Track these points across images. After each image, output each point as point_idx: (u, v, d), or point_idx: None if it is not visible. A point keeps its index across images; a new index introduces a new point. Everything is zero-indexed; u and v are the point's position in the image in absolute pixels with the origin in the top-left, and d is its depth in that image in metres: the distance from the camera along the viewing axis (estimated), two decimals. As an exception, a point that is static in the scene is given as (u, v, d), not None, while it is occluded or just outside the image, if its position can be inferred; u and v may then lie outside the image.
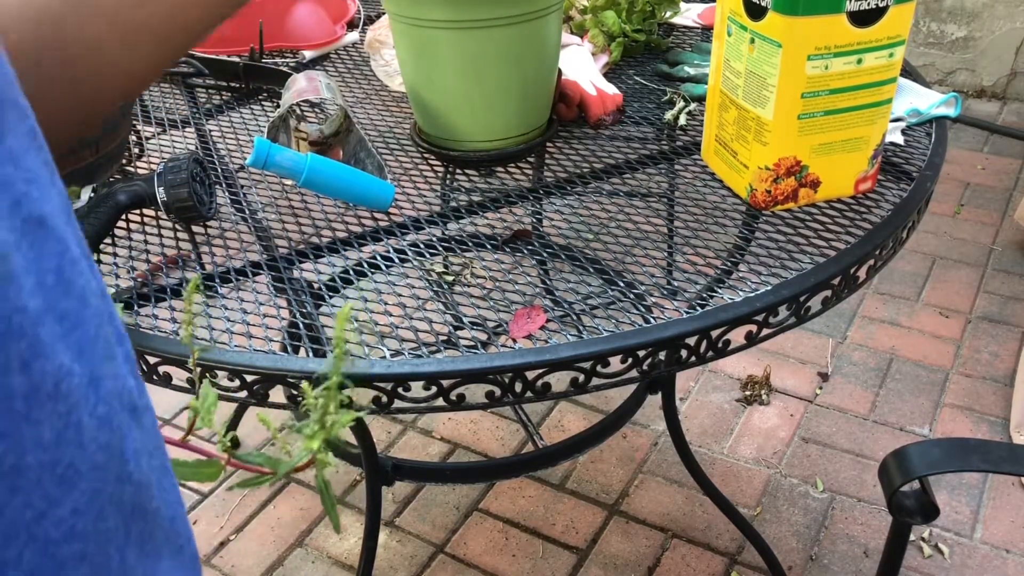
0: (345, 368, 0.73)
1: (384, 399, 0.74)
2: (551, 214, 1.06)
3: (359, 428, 1.37)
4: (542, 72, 1.02)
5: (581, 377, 0.75)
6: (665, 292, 0.87)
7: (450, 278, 1.51)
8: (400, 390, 0.74)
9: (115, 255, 0.92)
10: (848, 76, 0.85)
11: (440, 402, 0.74)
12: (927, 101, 1.11)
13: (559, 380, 0.74)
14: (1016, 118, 2.96)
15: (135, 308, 0.83)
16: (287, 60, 1.33)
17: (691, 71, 1.22)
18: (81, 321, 0.24)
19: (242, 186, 1.03)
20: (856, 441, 1.77)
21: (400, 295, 0.85)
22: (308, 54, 1.35)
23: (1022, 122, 2.94)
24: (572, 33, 1.30)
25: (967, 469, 0.89)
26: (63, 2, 0.39)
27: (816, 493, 1.66)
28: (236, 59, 1.28)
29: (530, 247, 0.95)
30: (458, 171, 1.07)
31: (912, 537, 1.43)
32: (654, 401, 1.56)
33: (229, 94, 1.27)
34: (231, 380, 0.76)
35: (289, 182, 1.00)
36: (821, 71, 0.83)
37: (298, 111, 1.09)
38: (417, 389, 0.74)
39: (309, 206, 0.99)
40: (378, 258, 0.91)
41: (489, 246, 0.92)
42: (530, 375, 0.73)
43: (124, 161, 1.08)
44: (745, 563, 1.53)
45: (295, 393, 0.76)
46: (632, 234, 0.92)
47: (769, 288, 0.79)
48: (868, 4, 0.81)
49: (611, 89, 1.14)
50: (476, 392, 0.74)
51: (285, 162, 0.90)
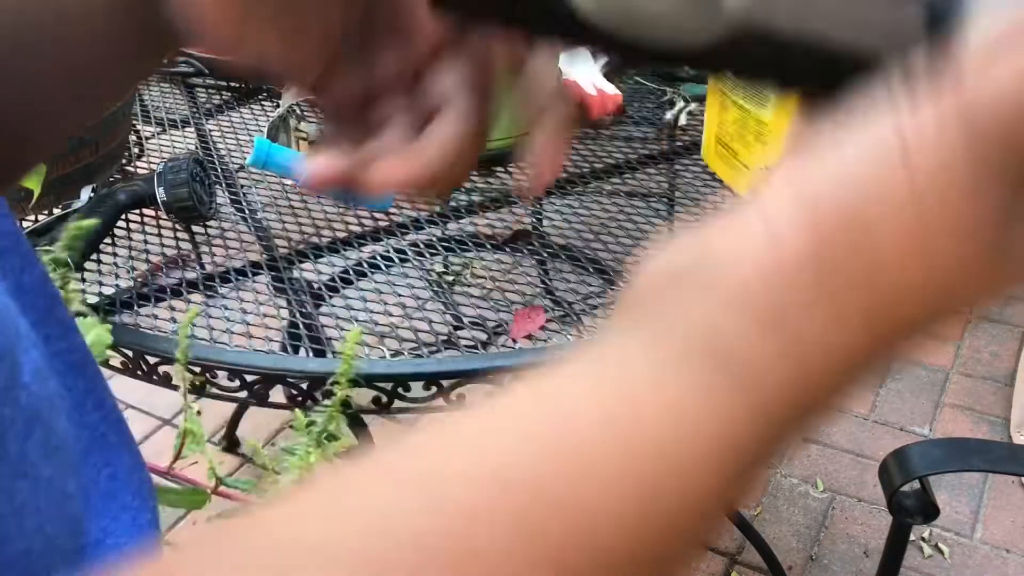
0: (345, 368, 0.74)
1: (384, 399, 0.74)
2: (551, 214, 1.06)
3: (359, 428, 1.37)
4: (542, 72, 1.02)
5: (581, 377, 0.75)
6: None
7: (450, 278, 1.51)
8: (400, 390, 0.74)
9: (115, 255, 0.92)
10: (848, 76, 0.84)
11: (440, 402, 0.74)
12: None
13: (559, 380, 0.74)
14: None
15: (135, 308, 0.83)
16: (287, 60, 1.33)
17: (691, 71, 1.22)
18: None
19: (242, 186, 1.03)
20: (856, 441, 1.77)
21: (400, 295, 0.85)
22: (308, 54, 1.34)
23: (1022, 122, 2.94)
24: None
25: (967, 469, 0.89)
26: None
27: (816, 493, 1.66)
28: (236, 59, 1.28)
29: (530, 247, 0.95)
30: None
31: (912, 537, 1.43)
32: (654, 401, 1.56)
33: (229, 94, 1.27)
34: (231, 380, 0.76)
35: (289, 182, 1.00)
36: (821, 71, 0.83)
37: (298, 111, 1.09)
38: (417, 389, 0.73)
39: (309, 206, 0.99)
40: (378, 258, 0.91)
41: (489, 246, 0.92)
42: (530, 375, 0.73)
43: (124, 161, 1.08)
44: (745, 563, 1.53)
45: (295, 393, 0.76)
46: (632, 234, 0.92)
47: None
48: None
49: (611, 89, 1.14)
50: (476, 392, 0.74)
51: (285, 162, 0.90)
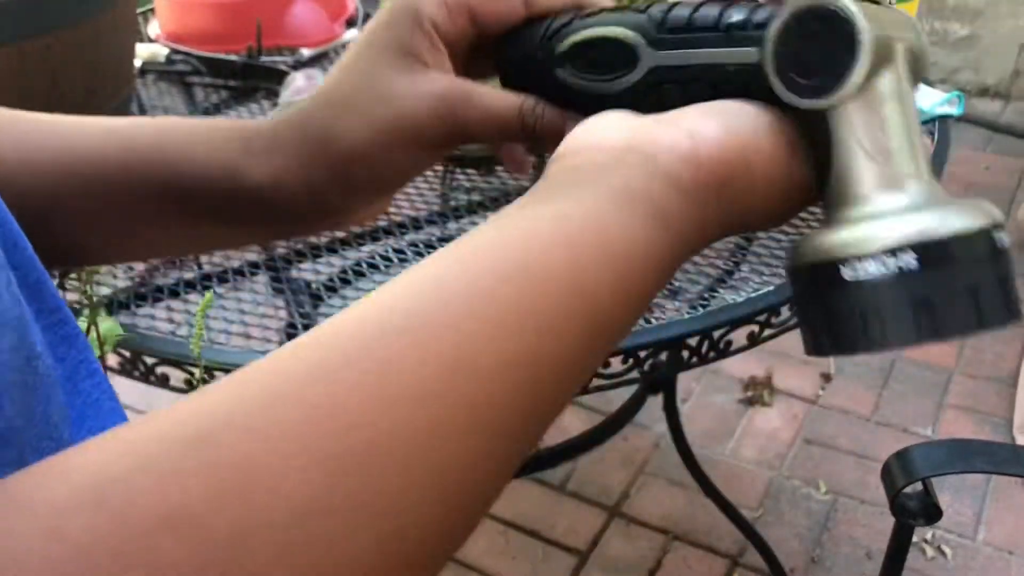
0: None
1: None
2: (551, 214, 1.05)
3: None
4: (542, 70, 1.01)
5: (581, 378, 0.74)
6: (666, 292, 0.86)
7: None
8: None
9: (112, 255, 0.91)
10: (851, 74, 0.84)
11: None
12: (930, 100, 1.10)
13: (559, 381, 0.74)
14: (1020, 117, 2.95)
15: (133, 308, 0.83)
16: (285, 58, 1.32)
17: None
18: None
19: (240, 185, 1.03)
20: (859, 442, 1.76)
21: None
22: (306, 52, 1.34)
23: (1025, 122, 2.93)
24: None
25: (970, 470, 0.88)
26: None
27: (818, 495, 1.65)
28: (234, 57, 1.27)
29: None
30: (458, 170, 1.07)
31: (915, 539, 1.43)
32: (655, 402, 1.55)
33: (227, 92, 1.26)
34: (228, 381, 0.76)
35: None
36: (824, 69, 0.83)
37: (297, 110, 1.09)
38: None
39: (307, 205, 0.98)
40: (377, 258, 0.90)
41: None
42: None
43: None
44: (747, 565, 1.53)
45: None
46: (633, 234, 0.91)
47: (771, 288, 0.78)
48: (870, 3, 0.80)
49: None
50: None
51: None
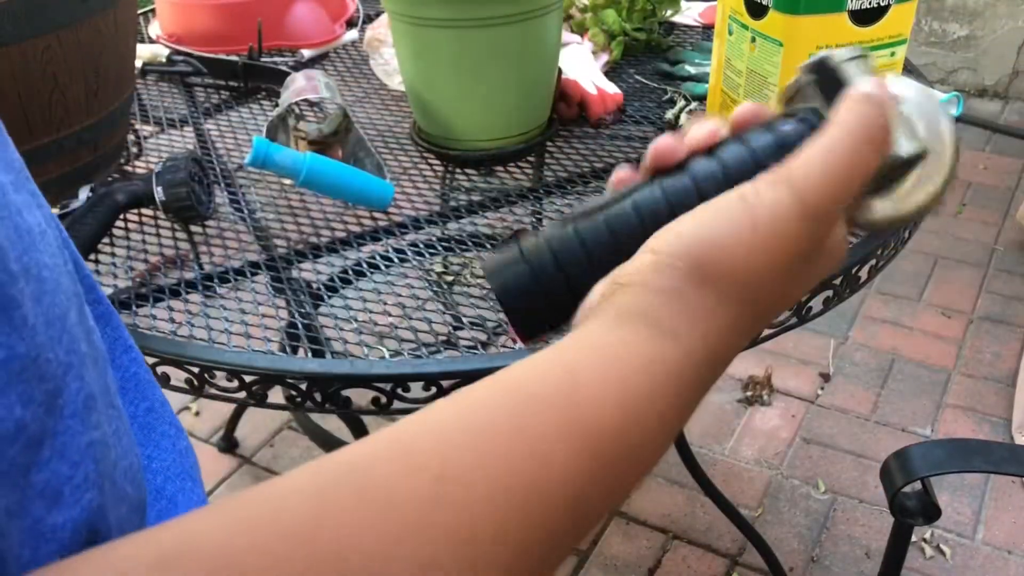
0: (345, 369, 0.73)
1: (383, 399, 0.74)
2: (551, 214, 1.05)
3: (358, 429, 1.37)
4: (542, 71, 1.01)
5: (581, 378, 0.74)
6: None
7: (450, 278, 1.51)
8: (400, 391, 0.73)
9: (113, 255, 0.91)
10: (850, 75, 0.84)
11: (439, 403, 0.74)
12: (929, 100, 1.10)
13: (559, 381, 0.74)
14: (1018, 117, 2.95)
15: (133, 308, 0.83)
16: (286, 59, 1.33)
17: (692, 70, 1.21)
18: None
19: (241, 186, 1.03)
20: (858, 442, 1.77)
21: (399, 295, 0.85)
22: (307, 53, 1.34)
23: (1024, 121, 2.94)
24: (572, 32, 1.30)
25: (969, 470, 0.88)
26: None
27: (817, 494, 1.66)
28: (235, 58, 1.27)
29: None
30: (458, 170, 1.07)
31: (914, 538, 1.43)
32: (655, 401, 1.55)
33: (228, 93, 1.27)
34: (229, 380, 0.76)
35: (288, 181, 0.99)
36: (823, 70, 0.83)
37: (297, 110, 1.09)
38: (417, 390, 0.73)
39: (308, 205, 0.98)
40: (377, 258, 0.90)
41: (489, 246, 0.91)
42: (530, 376, 0.73)
43: (122, 160, 1.08)
44: (746, 564, 1.53)
45: (294, 394, 0.75)
46: (633, 234, 0.91)
47: (770, 288, 0.79)
48: (870, 3, 0.81)
49: (612, 88, 1.14)
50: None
51: (284, 161, 0.90)
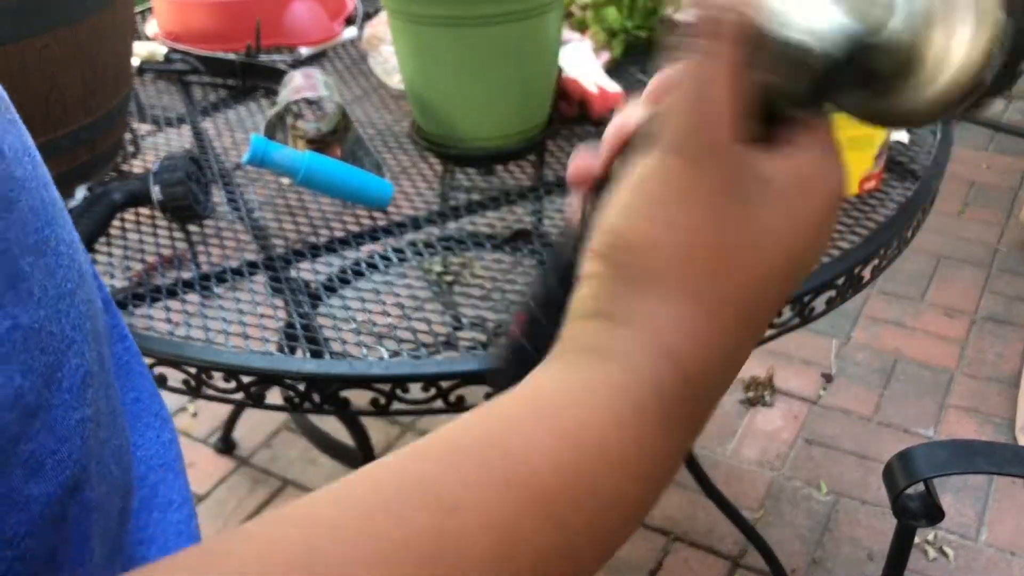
0: (343, 369, 0.73)
1: (382, 400, 0.73)
2: (551, 213, 1.05)
3: (357, 430, 1.37)
4: (542, 69, 1.01)
5: (582, 378, 0.73)
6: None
7: (449, 278, 1.50)
8: (399, 391, 0.73)
9: (110, 255, 0.91)
10: (853, 72, 0.83)
11: (439, 404, 0.73)
12: (933, 99, 1.09)
13: (559, 381, 0.73)
14: (1021, 116, 2.95)
15: (130, 308, 0.82)
16: (284, 57, 1.32)
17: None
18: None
19: (238, 185, 1.02)
20: (860, 443, 1.76)
21: (398, 295, 0.84)
22: (305, 51, 1.34)
23: (1026, 121, 2.93)
24: (573, 30, 1.29)
25: (972, 471, 0.87)
26: None
27: (820, 495, 1.65)
28: (232, 56, 1.27)
29: (530, 247, 0.94)
30: (457, 169, 1.06)
31: (917, 540, 1.42)
32: (656, 402, 1.54)
33: (225, 91, 1.26)
34: (227, 381, 0.76)
35: (286, 180, 0.99)
36: (826, 67, 0.82)
37: (295, 109, 1.08)
38: (416, 390, 0.73)
39: (306, 205, 0.98)
40: (376, 258, 0.90)
41: (489, 246, 0.90)
42: (530, 376, 0.72)
43: (119, 159, 1.07)
44: (748, 566, 1.52)
45: (292, 395, 0.75)
46: (634, 233, 0.91)
47: (773, 288, 0.78)
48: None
49: (612, 86, 1.13)
50: (476, 394, 0.73)
51: (282, 160, 0.89)
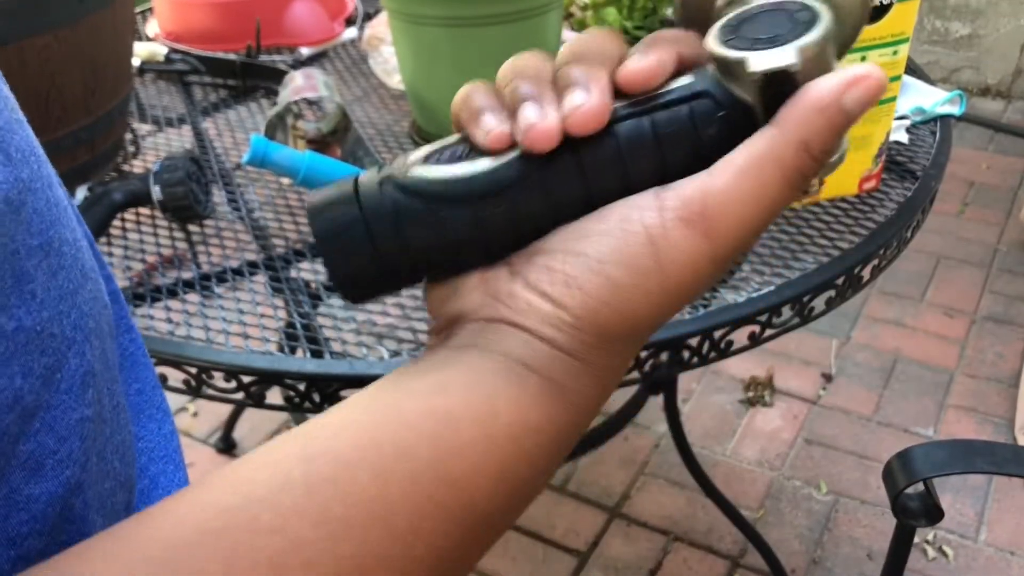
0: (344, 369, 0.73)
1: (381, 401, 0.73)
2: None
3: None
4: (542, 70, 1.01)
5: (581, 379, 0.74)
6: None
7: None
8: (397, 392, 0.73)
9: (110, 255, 0.91)
10: (852, 73, 0.83)
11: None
12: (931, 99, 1.10)
13: (558, 382, 0.73)
14: (1021, 116, 2.95)
15: (131, 308, 0.82)
16: (284, 57, 1.32)
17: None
18: None
19: (239, 185, 1.02)
20: (860, 443, 1.76)
21: (399, 295, 0.84)
22: (305, 51, 1.34)
23: (1027, 121, 2.93)
24: (573, 30, 1.29)
25: (972, 471, 0.87)
26: None
27: (819, 495, 1.65)
28: (233, 56, 1.27)
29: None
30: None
31: (916, 540, 1.42)
32: (656, 402, 1.55)
33: (226, 92, 1.26)
34: (227, 381, 0.76)
35: (286, 181, 0.99)
36: (825, 68, 0.82)
37: (295, 109, 1.08)
38: (414, 391, 0.72)
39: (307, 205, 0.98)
40: (376, 258, 0.90)
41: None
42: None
43: (119, 160, 1.07)
44: (748, 566, 1.52)
45: (292, 395, 0.75)
46: (633, 233, 0.91)
47: (772, 288, 0.78)
48: (872, 1, 0.80)
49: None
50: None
51: (282, 160, 0.89)
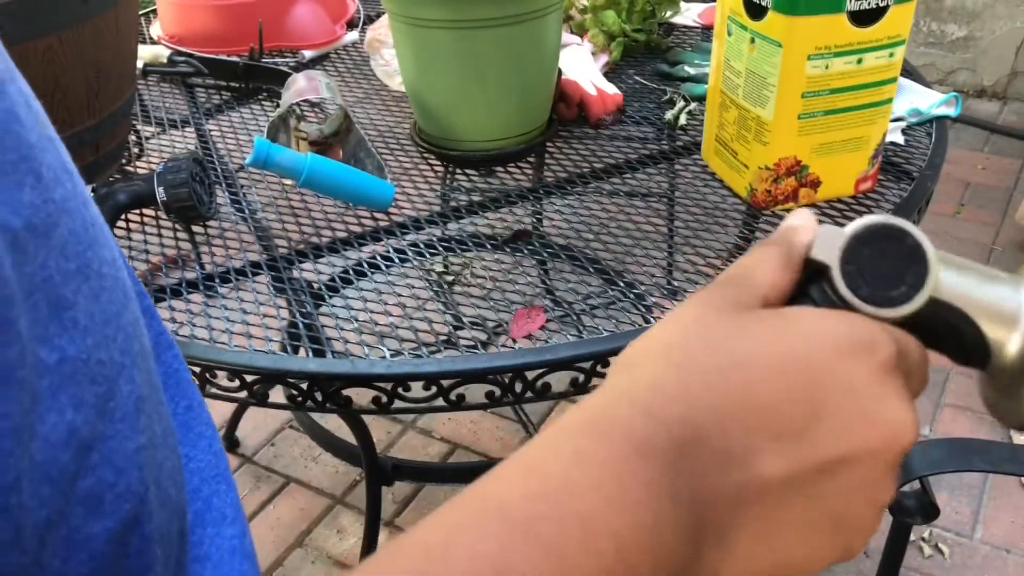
0: (345, 368, 0.74)
1: (384, 399, 0.74)
2: (551, 214, 1.06)
3: (359, 428, 1.37)
4: (542, 72, 1.02)
5: (581, 377, 0.75)
6: (665, 292, 0.87)
7: (450, 278, 1.51)
8: (400, 390, 0.74)
9: (115, 255, 0.92)
10: (848, 76, 0.84)
11: (440, 402, 0.74)
12: (927, 101, 1.11)
13: (559, 380, 0.74)
14: (1016, 118, 2.96)
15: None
16: (287, 60, 1.33)
17: (691, 71, 1.22)
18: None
19: (242, 186, 1.03)
20: (856, 441, 1.77)
21: (400, 295, 0.85)
22: (308, 54, 1.35)
23: (1022, 122, 2.94)
24: (572, 33, 1.30)
25: (968, 469, 0.88)
26: None
27: (816, 493, 1.66)
28: (236, 59, 1.28)
29: (530, 247, 0.95)
30: (458, 171, 1.07)
31: (912, 537, 1.43)
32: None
33: (229, 94, 1.27)
34: (231, 380, 0.76)
35: (289, 182, 1.00)
36: (821, 71, 0.83)
37: (298, 111, 1.09)
38: (417, 389, 0.73)
39: (309, 206, 0.99)
40: (378, 258, 0.91)
41: (489, 246, 0.91)
42: (530, 375, 0.73)
43: (123, 161, 1.08)
44: (745, 563, 1.53)
45: (295, 393, 0.76)
46: (632, 234, 0.92)
47: (769, 288, 0.79)
48: (868, 4, 0.81)
49: (611, 89, 1.14)
50: (476, 392, 0.74)
51: (285, 162, 0.90)
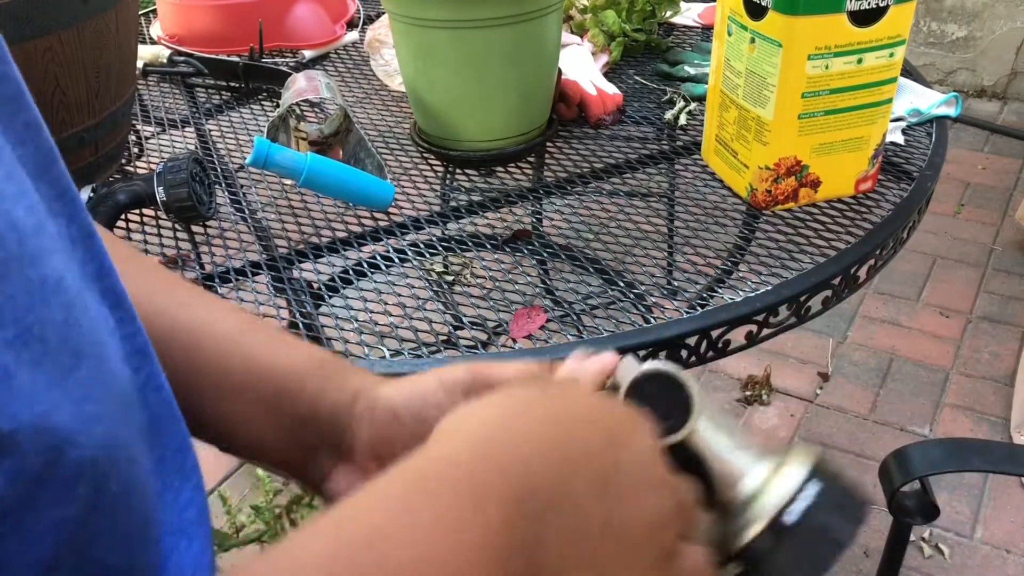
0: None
1: (384, 399, 0.74)
2: (551, 214, 1.06)
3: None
4: (542, 72, 1.02)
5: (581, 377, 0.74)
6: (665, 292, 0.87)
7: (450, 278, 1.51)
8: (400, 390, 0.74)
9: (114, 255, 0.92)
10: (848, 76, 0.84)
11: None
12: (927, 101, 1.11)
13: (559, 380, 0.74)
14: (1016, 118, 2.96)
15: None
16: (287, 60, 1.33)
17: (691, 71, 1.22)
18: None
19: (242, 186, 1.03)
20: (856, 441, 1.77)
21: (400, 295, 0.85)
22: (308, 54, 1.35)
23: (1022, 122, 2.94)
24: (572, 33, 1.30)
25: (967, 469, 0.88)
26: None
27: (816, 493, 1.66)
28: (236, 59, 1.28)
29: (530, 247, 0.95)
30: (458, 171, 1.07)
31: (912, 537, 1.43)
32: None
33: (229, 94, 1.27)
34: (230, 380, 0.76)
35: (289, 182, 1.00)
36: (821, 71, 0.83)
37: (298, 111, 1.09)
38: (417, 389, 0.73)
39: (309, 206, 0.99)
40: (378, 258, 0.91)
41: (489, 246, 0.91)
42: (530, 375, 0.73)
43: (123, 161, 1.08)
44: (745, 563, 1.53)
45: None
46: (632, 234, 0.92)
47: (769, 288, 0.79)
48: (868, 4, 0.81)
49: (611, 89, 1.14)
50: (476, 392, 0.74)
51: (285, 162, 0.90)
